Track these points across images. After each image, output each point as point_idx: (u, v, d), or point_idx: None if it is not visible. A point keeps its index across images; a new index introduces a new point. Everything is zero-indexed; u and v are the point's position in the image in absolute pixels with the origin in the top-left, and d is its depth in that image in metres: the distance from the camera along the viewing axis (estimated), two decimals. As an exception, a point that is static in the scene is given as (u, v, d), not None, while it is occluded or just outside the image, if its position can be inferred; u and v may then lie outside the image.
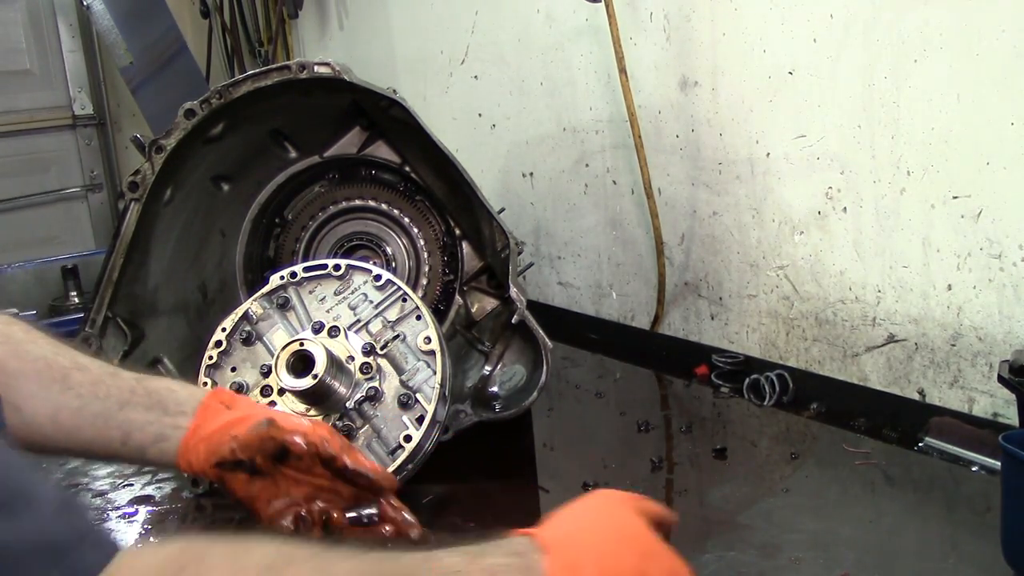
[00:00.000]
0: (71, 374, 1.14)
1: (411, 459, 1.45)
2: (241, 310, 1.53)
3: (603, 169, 2.33)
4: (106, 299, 1.59)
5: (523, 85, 2.55)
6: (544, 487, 1.61)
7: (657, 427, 1.76)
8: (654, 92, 2.09)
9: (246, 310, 1.53)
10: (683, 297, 2.17)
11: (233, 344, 1.52)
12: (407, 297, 1.56)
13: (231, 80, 1.59)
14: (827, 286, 1.81)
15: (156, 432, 1.18)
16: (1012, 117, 1.45)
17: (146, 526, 1.51)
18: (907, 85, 1.59)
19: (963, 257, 1.56)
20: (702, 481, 1.54)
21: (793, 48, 1.78)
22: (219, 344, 1.52)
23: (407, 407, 1.48)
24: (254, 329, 1.53)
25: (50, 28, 4.37)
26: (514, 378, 1.73)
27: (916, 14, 1.55)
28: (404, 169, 1.84)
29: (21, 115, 4.32)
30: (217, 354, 1.51)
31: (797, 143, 1.81)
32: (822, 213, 1.79)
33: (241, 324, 1.53)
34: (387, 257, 1.83)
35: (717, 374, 1.94)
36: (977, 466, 1.47)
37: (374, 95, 1.62)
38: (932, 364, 1.64)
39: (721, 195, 2.01)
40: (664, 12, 2.04)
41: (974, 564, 1.20)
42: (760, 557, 1.24)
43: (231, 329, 1.52)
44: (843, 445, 1.59)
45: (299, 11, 3.62)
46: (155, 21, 3.78)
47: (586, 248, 2.45)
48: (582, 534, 0.92)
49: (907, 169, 1.62)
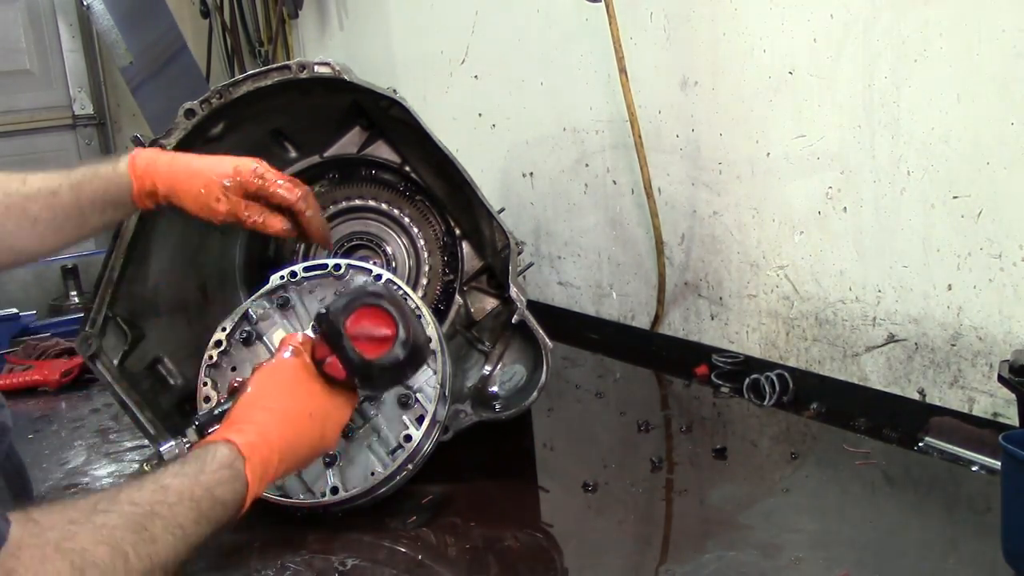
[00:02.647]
0: (27, 208, 1.33)
1: (411, 459, 1.45)
2: (241, 310, 1.53)
3: (603, 169, 2.33)
4: (106, 299, 1.59)
5: (523, 85, 2.55)
6: (544, 487, 1.61)
7: (657, 427, 1.76)
8: (654, 92, 2.09)
9: (246, 310, 1.53)
10: (683, 297, 2.17)
11: (233, 344, 1.52)
12: (407, 297, 1.56)
13: (231, 80, 1.58)
14: (827, 286, 1.82)
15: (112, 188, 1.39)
16: (1012, 117, 1.45)
17: (146, 526, 1.51)
18: (907, 85, 1.59)
19: (963, 257, 1.56)
20: (702, 481, 1.54)
21: (793, 48, 1.78)
22: (219, 344, 1.52)
23: (407, 407, 1.48)
24: (254, 329, 1.53)
25: (50, 28, 4.38)
26: (514, 378, 1.73)
27: (916, 14, 1.55)
28: (404, 169, 1.84)
29: (21, 115, 4.33)
30: (217, 354, 1.51)
31: (797, 143, 1.81)
32: (822, 213, 1.79)
33: (241, 324, 1.53)
34: (387, 257, 1.83)
35: (717, 374, 1.94)
36: (977, 466, 1.47)
37: (374, 95, 1.61)
38: (932, 364, 1.64)
39: (721, 195, 2.01)
40: (664, 12, 2.04)
41: (974, 564, 1.20)
42: (760, 557, 1.24)
43: (231, 329, 1.52)
44: (843, 445, 1.59)
45: (299, 11, 3.63)
46: (155, 21, 3.78)
47: (586, 248, 2.45)
48: (268, 429, 1.13)
49: (907, 169, 1.62)
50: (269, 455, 1.12)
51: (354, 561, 1.33)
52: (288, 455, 1.16)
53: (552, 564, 1.32)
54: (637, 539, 1.38)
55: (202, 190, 1.38)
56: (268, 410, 1.17)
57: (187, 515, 0.98)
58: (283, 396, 1.20)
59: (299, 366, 1.22)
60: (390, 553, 1.37)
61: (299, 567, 1.32)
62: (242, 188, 1.40)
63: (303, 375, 1.22)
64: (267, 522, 1.45)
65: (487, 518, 1.44)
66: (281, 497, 1.44)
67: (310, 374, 1.23)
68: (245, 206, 1.41)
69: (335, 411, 1.25)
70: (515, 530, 1.39)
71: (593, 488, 1.49)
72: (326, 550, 1.37)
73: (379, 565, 1.33)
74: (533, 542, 1.38)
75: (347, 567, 1.32)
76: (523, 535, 1.38)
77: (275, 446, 1.13)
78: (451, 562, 1.34)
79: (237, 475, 1.07)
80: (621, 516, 1.44)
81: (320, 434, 1.22)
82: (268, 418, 1.16)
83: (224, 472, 1.05)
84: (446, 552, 1.36)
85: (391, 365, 1.21)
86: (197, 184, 1.38)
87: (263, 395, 1.19)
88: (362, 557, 1.34)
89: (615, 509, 1.45)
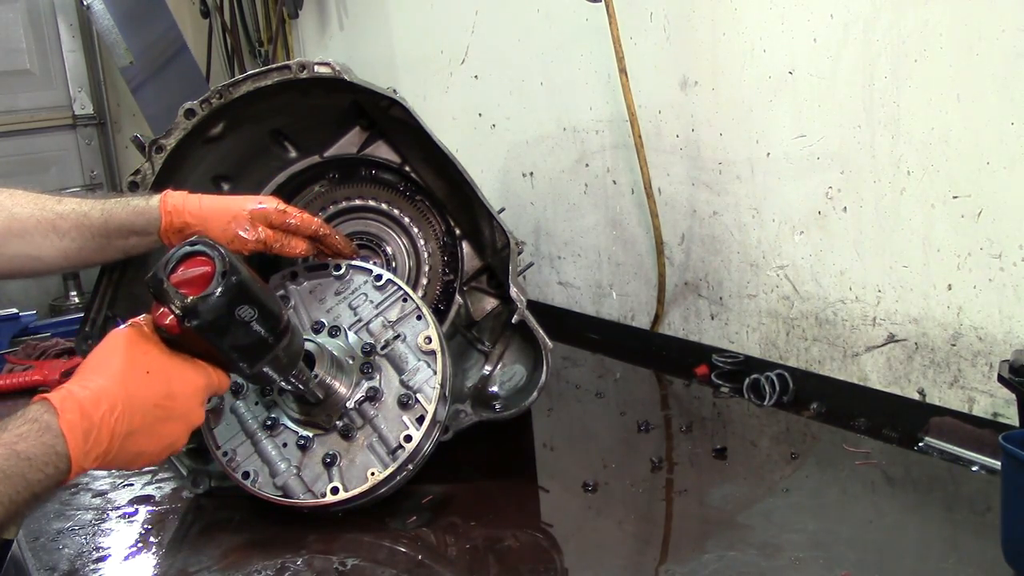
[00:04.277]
0: (57, 224, 1.46)
1: (411, 459, 1.45)
2: (241, 310, 1.53)
3: (603, 169, 2.33)
4: (106, 299, 1.59)
5: (523, 85, 2.55)
6: (544, 487, 1.61)
7: (657, 427, 1.76)
8: (654, 92, 2.09)
9: (246, 310, 1.52)
10: (683, 297, 2.17)
11: (233, 344, 1.52)
12: (407, 297, 1.56)
13: (231, 80, 1.58)
14: (827, 286, 1.82)
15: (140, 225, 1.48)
16: (1012, 117, 1.45)
17: (146, 526, 1.51)
18: (907, 85, 1.59)
19: (963, 257, 1.56)
20: (702, 481, 1.54)
21: (793, 48, 1.78)
22: (219, 344, 1.51)
23: (407, 407, 1.48)
24: (254, 329, 1.52)
25: (50, 28, 4.38)
26: (514, 378, 1.73)
27: (916, 14, 1.55)
28: (404, 169, 1.84)
29: (21, 115, 4.33)
30: (217, 354, 1.51)
31: (797, 143, 1.81)
32: (822, 213, 1.79)
33: (241, 324, 1.52)
34: (387, 257, 1.83)
35: (717, 374, 1.95)
36: (977, 466, 1.47)
37: (374, 95, 1.61)
38: (932, 364, 1.64)
39: (721, 195, 2.01)
40: (664, 12, 2.04)
41: (974, 564, 1.20)
42: (760, 557, 1.24)
43: (231, 329, 1.52)
44: (843, 445, 1.59)
45: (299, 11, 3.63)
46: (155, 21, 3.78)
47: (586, 248, 2.45)
48: (91, 386, 1.12)
49: (907, 169, 1.62)
50: (94, 407, 1.10)
51: (354, 561, 1.33)
52: (125, 408, 1.13)
53: (552, 564, 1.32)
54: (637, 539, 1.38)
55: (231, 222, 1.48)
56: (94, 371, 1.16)
57: None
58: (114, 359, 1.17)
59: (131, 332, 1.21)
60: (390, 553, 1.37)
61: (299, 567, 1.32)
62: (266, 219, 1.50)
63: (136, 338, 1.20)
64: (267, 522, 1.46)
65: (487, 518, 1.44)
66: (282, 497, 1.44)
67: (145, 337, 1.21)
68: (270, 234, 1.51)
69: (182, 370, 1.21)
70: (515, 530, 1.39)
71: (593, 488, 1.49)
72: (326, 550, 1.37)
73: (379, 565, 1.33)
74: (533, 542, 1.38)
75: (347, 567, 1.32)
76: (523, 535, 1.38)
77: (103, 398, 1.11)
78: (451, 562, 1.34)
79: (46, 428, 1.06)
80: (621, 516, 1.44)
81: (165, 391, 1.18)
82: (94, 376, 1.15)
83: (28, 427, 1.06)
84: (446, 552, 1.36)
85: (212, 295, 1.17)
86: (226, 217, 1.48)
87: (91, 362, 1.19)
88: (362, 557, 1.35)
89: (615, 509, 1.45)
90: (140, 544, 1.45)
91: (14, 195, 1.48)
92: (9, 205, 1.46)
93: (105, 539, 1.47)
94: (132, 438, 1.15)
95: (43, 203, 1.48)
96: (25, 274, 1.54)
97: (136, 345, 1.19)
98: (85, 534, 1.48)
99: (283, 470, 1.45)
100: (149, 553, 1.43)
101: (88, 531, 1.49)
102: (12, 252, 1.45)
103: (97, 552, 1.43)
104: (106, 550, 1.43)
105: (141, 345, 1.20)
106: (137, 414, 1.15)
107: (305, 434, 1.47)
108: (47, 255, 1.47)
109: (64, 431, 1.07)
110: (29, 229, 1.45)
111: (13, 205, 1.46)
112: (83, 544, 1.45)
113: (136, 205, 1.48)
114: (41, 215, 1.46)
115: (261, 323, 1.22)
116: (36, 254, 1.47)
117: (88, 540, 1.46)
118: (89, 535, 1.48)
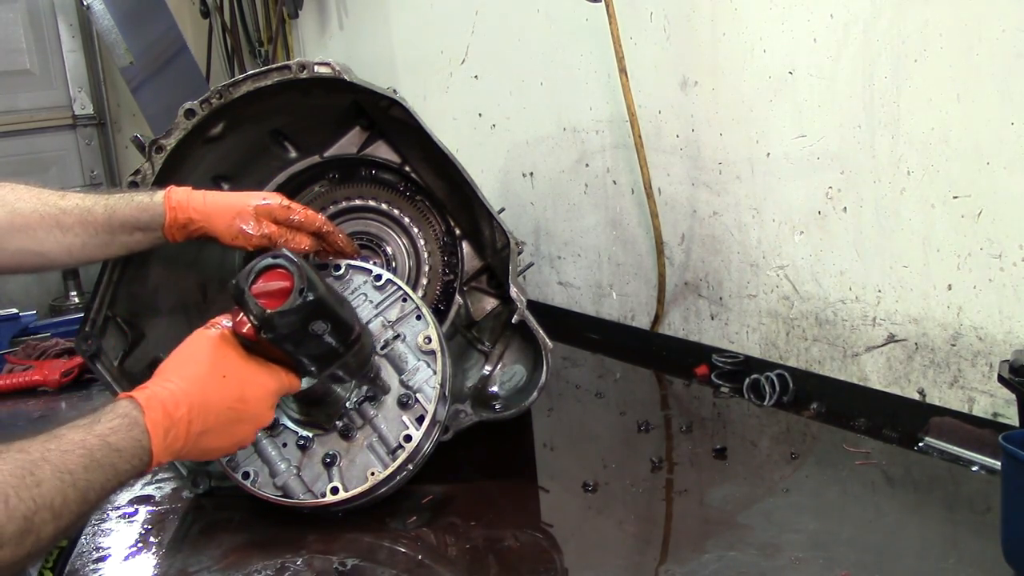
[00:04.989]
0: (60, 219, 1.45)
1: (411, 459, 1.45)
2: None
3: (603, 169, 2.33)
4: (106, 299, 1.59)
5: (523, 85, 2.55)
6: (544, 487, 1.61)
7: (657, 427, 1.76)
8: (654, 92, 2.09)
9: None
10: (683, 297, 2.17)
11: (233, 344, 1.52)
12: (407, 297, 1.56)
13: (231, 80, 1.58)
14: (827, 286, 1.82)
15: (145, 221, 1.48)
16: (1012, 117, 1.45)
17: (146, 526, 1.51)
18: (907, 85, 1.59)
19: (963, 257, 1.56)
20: (702, 481, 1.54)
21: (793, 48, 1.78)
22: (219, 344, 1.51)
23: (407, 407, 1.48)
24: (254, 329, 1.52)
25: (50, 28, 4.37)
26: (514, 378, 1.73)
27: (916, 14, 1.55)
28: (404, 169, 1.84)
29: (21, 115, 4.32)
30: (217, 354, 1.51)
31: (797, 143, 1.81)
32: (822, 213, 1.79)
33: (241, 324, 1.53)
34: (387, 257, 1.83)
35: (717, 374, 1.95)
36: (977, 466, 1.47)
37: (374, 95, 1.62)
38: (932, 364, 1.64)
39: (721, 195, 2.01)
40: (664, 12, 2.04)
41: (974, 564, 1.20)
42: (760, 557, 1.24)
43: (231, 329, 1.52)
44: (843, 445, 1.59)
45: (299, 11, 3.63)
46: (155, 21, 3.78)
47: (586, 248, 2.45)
48: (174, 386, 1.20)
49: (907, 169, 1.62)
50: (174, 408, 1.18)
51: (354, 561, 1.33)
52: (201, 409, 1.21)
53: (552, 564, 1.32)
54: (637, 539, 1.38)
55: (236, 218, 1.49)
56: (177, 372, 1.24)
57: (77, 461, 1.05)
58: (194, 361, 1.26)
59: (214, 336, 1.29)
60: (390, 553, 1.37)
61: (299, 567, 1.32)
62: (271, 215, 1.51)
63: (217, 342, 1.28)
64: (267, 522, 1.46)
65: (487, 518, 1.44)
66: (281, 497, 1.44)
67: (226, 341, 1.29)
68: (274, 230, 1.52)
69: (255, 374, 1.29)
70: (515, 530, 1.39)
71: (593, 488, 1.49)
72: (326, 550, 1.37)
73: (379, 565, 1.33)
74: (533, 542, 1.38)
75: (347, 567, 1.32)
76: (523, 535, 1.38)
77: (182, 400, 1.19)
78: (451, 562, 1.34)
79: (134, 423, 1.14)
80: (621, 516, 1.44)
81: (239, 395, 1.26)
82: (176, 378, 1.22)
83: (119, 421, 1.13)
84: (446, 552, 1.36)
85: (289, 311, 1.24)
86: (231, 212, 1.50)
87: (173, 362, 1.26)
88: (362, 557, 1.35)
89: (615, 509, 1.45)
90: (140, 544, 1.45)
91: (16, 190, 1.47)
92: (11, 200, 1.45)
93: (105, 539, 1.47)
94: (205, 436, 1.23)
95: (46, 198, 1.47)
96: (28, 269, 1.54)
97: (217, 349, 1.27)
98: (85, 534, 1.48)
99: (283, 470, 1.45)
100: (149, 553, 1.43)
101: (88, 531, 1.49)
102: (15, 247, 1.45)
103: (97, 552, 1.43)
104: (106, 550, 1.43)
105: (221, 349, 1.28)
106: (211, 415, 1.23)
107: (305, 434, 1.47)
108: (50, 250, 1.47)
109: (149, 428, 1.15)
110: (32, 224, 1.45)
111: (16, 200, 1.46)
112: (83, 544, 1.45)
113: (140, 201, 1.48)
114: (44, 210, 1.45)
115: (333, 335, 1.31)
116: (39, 249, 1.46)
117: (88, 540, 1.46)
118: (89, 535, 1.48)
